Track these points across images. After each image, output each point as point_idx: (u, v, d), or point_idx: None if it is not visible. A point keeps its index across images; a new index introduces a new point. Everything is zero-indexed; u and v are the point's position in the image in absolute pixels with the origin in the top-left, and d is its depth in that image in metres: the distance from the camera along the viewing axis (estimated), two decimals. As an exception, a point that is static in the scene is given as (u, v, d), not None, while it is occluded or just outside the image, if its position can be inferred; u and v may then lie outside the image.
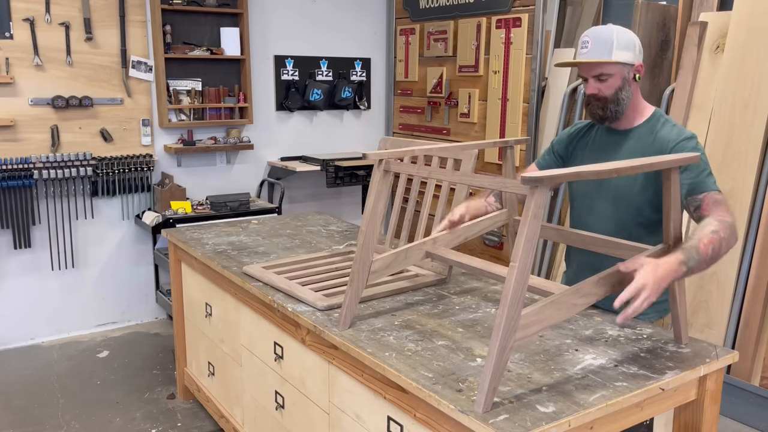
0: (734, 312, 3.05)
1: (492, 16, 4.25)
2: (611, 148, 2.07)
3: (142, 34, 4.17)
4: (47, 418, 3.20)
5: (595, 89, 1.98)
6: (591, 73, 1.98)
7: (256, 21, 4.63)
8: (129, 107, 4.19)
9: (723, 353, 1.76)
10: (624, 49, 1.95)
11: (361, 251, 1.86)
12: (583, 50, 1.97)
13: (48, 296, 4.16)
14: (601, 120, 2.04)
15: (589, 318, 2.03)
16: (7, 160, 3.80)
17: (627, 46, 1.95)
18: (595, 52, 1.95)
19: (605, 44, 1.94)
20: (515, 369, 1.65)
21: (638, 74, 2.00)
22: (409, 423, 1.66)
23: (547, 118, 3.99)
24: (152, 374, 3.68)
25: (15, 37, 3.79)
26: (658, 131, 1.99)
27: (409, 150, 1.97)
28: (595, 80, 1.97)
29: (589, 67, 1.97)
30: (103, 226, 4.26)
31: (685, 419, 1.80)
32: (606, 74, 1.96)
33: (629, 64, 1.97)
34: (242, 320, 2.57)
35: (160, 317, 4.56)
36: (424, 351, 1.77)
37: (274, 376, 2.37)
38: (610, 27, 1.98)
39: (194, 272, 3.00)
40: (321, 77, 4.97)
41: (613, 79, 1.96)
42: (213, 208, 4.26)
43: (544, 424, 1.38)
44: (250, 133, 4.71)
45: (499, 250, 4.30)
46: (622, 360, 1.71)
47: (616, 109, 1.99)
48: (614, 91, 1.97)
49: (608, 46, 1.94)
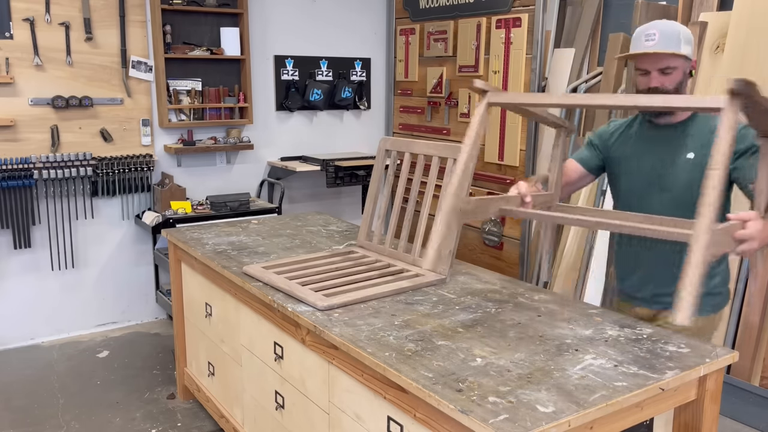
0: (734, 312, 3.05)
1: (492, 16, 4.25)
2: (662, 142, 2.06)
3: (142, 34, 4.17)
4: (47, 418, 3.20)
5: (659, 82, 1.96)
6: (657, 65, 1.96)
7: (256, 21, 4.63)
8: (129, 107, 4.19)
9: (723, 353, 1.76)
10: (687, 43, 1.96)
11: (461, 176, 1.75)
12: (649, 42, 1.94)
13: (48, 296, 4.16)
14: (659, 114, 2.04)
15: (589, 318, 2.03)
16: (7, 160, 3.80)
17: (688, 41, 1.96)
18: (664, 44, 1.93)
19: (672, 37, 1.93)
20: (515, 369, 1.66)
21: (693, 70, 2.01)
22: (409, 423, 1.66)
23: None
24: (152, 374, 3.68)
25: (15, 37, 3.79)
26: (713, 123, 1.99)
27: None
28: (659, 73, 1.96)
29: (657, 59, 1.95)
30: (103, 226, 4.26)
31: (685, 419, 1.80)
32: (671, 67, 1.95)
33: (689, 59, 1.98)
34: (242, 320, 2.57)
35: (160, 317, 4.56)
36: (424, 351, 1.77)
37: (274, 376, 2.37)
38: (672, 22, 1.99)
39: (194, 272, 3.00)
40: (321, 77, 4.97)
41: (677, 72, 1.96)
42: (213, 208, 4.26)
43: (544, 424, 1.38)
44: (250, 133, 4.71)
45: (499, 250, 4.30)
46: (622, 360, 1.71)
47: None
48: (676, 85, 1.97)
49: (675, 39, 1.93)
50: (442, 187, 1.92)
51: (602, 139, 2.24)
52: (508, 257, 4.24)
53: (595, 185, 3.67)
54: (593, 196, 3.67)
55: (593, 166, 2.26)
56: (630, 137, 2.16)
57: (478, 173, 4.36)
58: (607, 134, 2.23)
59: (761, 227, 1.60)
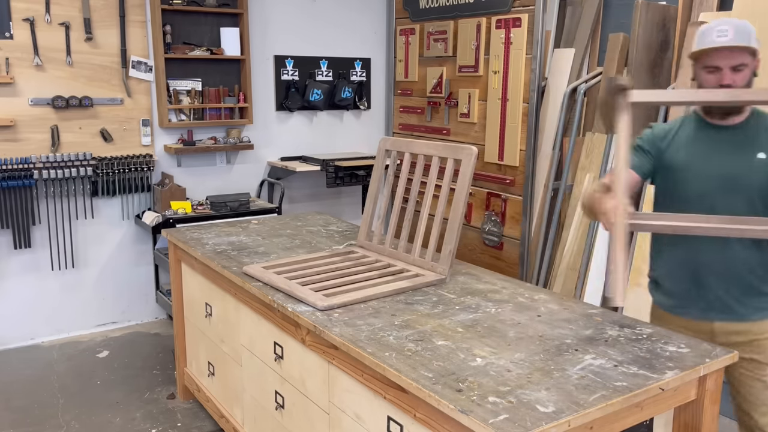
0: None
1: (492, 16, 4.24)
2: (729, 143, 2.01)
3: (142, 34, 4.17)
4: (47, 418, 3.20)
5: (731, 80, 1.90)
6: (732, 62, 1.90)
7: (256, 21, 4.63)
8: (129, 107, 4.19)
9: (722, 353, 1.76)
10: (756, 42, 1.92)
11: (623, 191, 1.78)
12: (722, 38, 1.89)
13: (48, 296, 4.16)
14: (726, 113, 2.00)
15: (589, 318, 2.03)
16: (7, 160, 3.80)
17: (756, 38, 1.93)
18: (738, 39, 1.88)
19: (745, 33, 1.90)
20: (515, 369, 1.66)
21: (757, 69, 1.97)
22: (409, 423, 1.66)
23: (547, 118, 3.99)
24: (152, 374, 3.68)
25: (15, 37, 3.79)
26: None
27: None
28: (731, 71, 1.90)
29: (730, 55, 1.90)
30: (103, 226, 4.26)
31: (685, 419, 1.80)
32: (744, 64, 1.91)
33: (757, 57, 1.95)
34: (242, 320, 2.57)
35: (160, 317, 4.56)
36: (424, 351, 1.77)
37: (274, 376, 2.37)
38: (741, 20, 1.94)
39: (194, 272, 3.00)
40: (321, 77, 4.97)
41: (747, 70, 1.92)
42: (213, 208, 4.26)
43: (544, 424, 1.38)
44: (250, 133, 4.71)
45: (499, 250, 4.30)
46: (622, 360, 1.71)
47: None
48: (746, 83, 1.93)
49: (748, 35, 1.90)
50: (605, 207, 1.82)
51: (653, 143, 2.14)
52: (508, 257, 4.24)
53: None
54: (593, 196, 3.67)
55: (646, 171, 2.16)
56: (687, 140, 2.08)
57: (478, 173, 4.36)
58: (659, 138, 2.14)
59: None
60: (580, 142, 3.82)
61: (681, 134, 2.11)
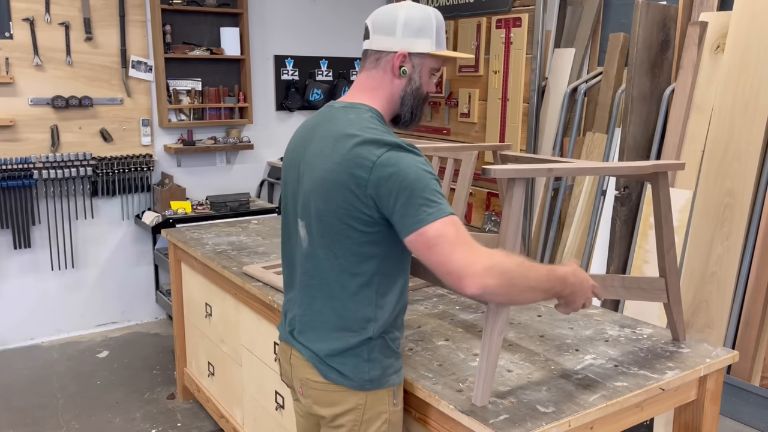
0: (734, 312, 3.05)
1: (492, 16, 4.24)
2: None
3: (142, 34, 4.16)
4: (47, 418, 3.19)
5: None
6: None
7: (256, 21, 4.63)
8: (129, 107, 4.19)
9: (723, 353, 1.76)
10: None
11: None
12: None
13: (48, 296, 4.15)
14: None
15: (589, 318, 2.03)
16: (7, 160, 3.80)
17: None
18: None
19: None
20: (515, 369, 1.65)
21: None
22: (409, 423, 1.66)
23: (547, 118, 3.99)
24: (152, 374, 3.68)
25: (15, 37, 3.79)
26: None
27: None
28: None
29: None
30: (103, 226, 4.26)
31: (685, 419, 1.80)
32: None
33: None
34: (242, 320, 2.57)
35: (160, 317, 4.56)
36: (424, 351, 1.77)
37: (274, 376, 2.36)
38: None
39: (194, 272, 3.00)
40: (321, 77, 4.97)
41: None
42: (213, 208, 4.26)
43: (544, 424, 1.38)
44: (250, 133, 4.71)
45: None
46: (622, 360, 1.71)
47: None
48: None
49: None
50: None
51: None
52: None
53: (594, 186, 3.67)
54: (592, 197, 3.67)
55: None
56: None
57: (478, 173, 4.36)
58: None
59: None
60: (580, 142, 3.82)
61: None
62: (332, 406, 1.50)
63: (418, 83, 1.54)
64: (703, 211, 3.16)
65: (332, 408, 1.50)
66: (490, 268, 1.27)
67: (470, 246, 1.29)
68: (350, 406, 1.48)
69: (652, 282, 1.74)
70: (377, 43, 1.52)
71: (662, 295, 1.75)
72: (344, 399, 1.49)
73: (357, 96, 1.55)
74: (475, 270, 1.27)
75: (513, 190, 1.41)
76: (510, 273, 1.30)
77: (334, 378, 1.48)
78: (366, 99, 1.53)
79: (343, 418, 1.49)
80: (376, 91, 1.53)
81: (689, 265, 3.18)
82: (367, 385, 1.47)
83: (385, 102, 1.53)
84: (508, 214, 1.41)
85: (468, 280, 1.28)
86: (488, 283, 1.27)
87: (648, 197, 3.39)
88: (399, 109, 1.55)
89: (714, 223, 3.11)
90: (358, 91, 1.56)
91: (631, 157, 3.40)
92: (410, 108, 1.55)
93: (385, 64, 1.51)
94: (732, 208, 3.06)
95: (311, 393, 1.54)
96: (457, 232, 1.30)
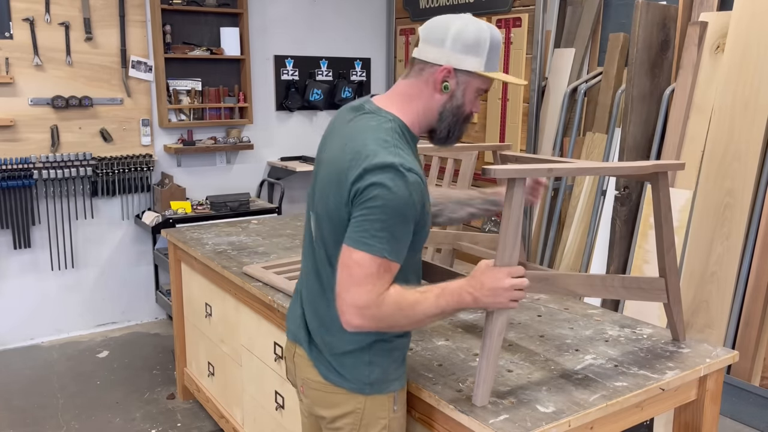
0: (734, 312, 3.05)
1: (492, 15, 4.24)
2: None
3: (142, 34, 4.16)
4: (47, 418, 3.19)
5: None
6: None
7: (256, 21, 4.63)
8: (129, 107, 4.18)
9: (723, 353, 1.76)
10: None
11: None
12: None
13: (48, 296, 4.15)
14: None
15: (589, 318, 2.03)
16: (7, 160, 3.80)
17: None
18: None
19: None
20: (515, 369, 1.65)
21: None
22: (409, 423, 1.66)
23: (547, 118, 3.99)
24: (152, 374, 3.68)
25: (15, 37, 3.79)
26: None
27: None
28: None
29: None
30: (103, 226, 4.26)
31: (685, 419, 1.80)
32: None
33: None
34: (242, 320, 2.57)
35: (160, 317, 4.56)
36: (424, 351, 1.77)
37: (274, 376, 2.36)
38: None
39: (194, 272, 3.00)
40: (321, 77, 4.97)
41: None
42: (213, 208, 4.26)
43: (544, 424, 1.38)
44: (250, 133, 4.71)
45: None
46: (622, 360, 1.71)
47: None
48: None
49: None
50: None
51: None
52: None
53: (594, 186, 3.67)
54: (592, 197, 3.67)
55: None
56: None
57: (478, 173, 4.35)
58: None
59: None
60: (580, 142, 3.82)
61: None
62: (331, 407, 1.50)
63: (461, 101, 1.47)
64: (703, 211, 3.16)
65: (331, 409, 1.50)
66: (362, 308, 1.32)
67: (368, 290, 1.32)
68: (349, 409, 1.48)
69: (652, 282, 1.74)
70: (424, 53, 1.45)
71: (662, 295, 1.75)
72: (343, 401, 1.48)
73: (391, 100, 1.48)
74: (352, 310, 1.33)
75: (513, 190, 1.41)
76: (384, 320, 1.35)
77: (333, 379, 1.48)
78: (397, 107, 1.46)
79: (341, 421, 1.49)
80: (412, 101, 1.47)
81: (689, 265, 3.18)
82: (367, 389, 1.47)
83: (419, 114, 1.47)
84: (508, 214, 1.41)
85: (344, 316, 1.35)
86: (358, 324, 1.34)
87: (648, 197, 3.38)
88: (436, 124, 1.50)
89: (714, 223, 3.11)
90: (395, 95, 1.49)
91: (631, 157, 3.40)
92: (448, 125, 1.50)
93: (428, 76, 1.45)
94: (732, 208, 3.06)
95: (311, 393, 1.54)
96: (372, 274, 1.32)
